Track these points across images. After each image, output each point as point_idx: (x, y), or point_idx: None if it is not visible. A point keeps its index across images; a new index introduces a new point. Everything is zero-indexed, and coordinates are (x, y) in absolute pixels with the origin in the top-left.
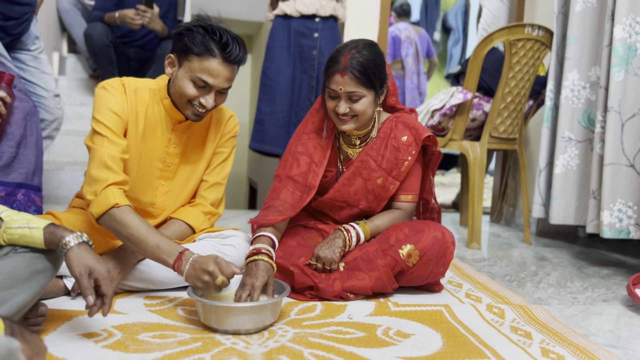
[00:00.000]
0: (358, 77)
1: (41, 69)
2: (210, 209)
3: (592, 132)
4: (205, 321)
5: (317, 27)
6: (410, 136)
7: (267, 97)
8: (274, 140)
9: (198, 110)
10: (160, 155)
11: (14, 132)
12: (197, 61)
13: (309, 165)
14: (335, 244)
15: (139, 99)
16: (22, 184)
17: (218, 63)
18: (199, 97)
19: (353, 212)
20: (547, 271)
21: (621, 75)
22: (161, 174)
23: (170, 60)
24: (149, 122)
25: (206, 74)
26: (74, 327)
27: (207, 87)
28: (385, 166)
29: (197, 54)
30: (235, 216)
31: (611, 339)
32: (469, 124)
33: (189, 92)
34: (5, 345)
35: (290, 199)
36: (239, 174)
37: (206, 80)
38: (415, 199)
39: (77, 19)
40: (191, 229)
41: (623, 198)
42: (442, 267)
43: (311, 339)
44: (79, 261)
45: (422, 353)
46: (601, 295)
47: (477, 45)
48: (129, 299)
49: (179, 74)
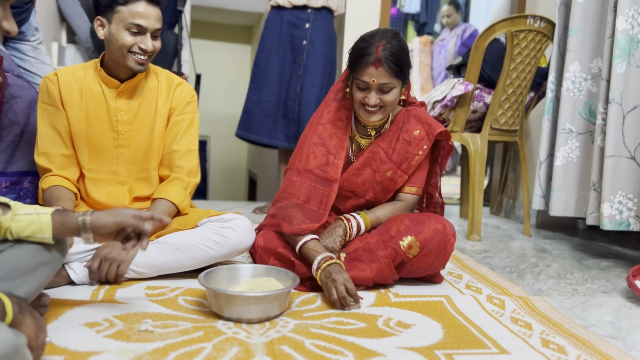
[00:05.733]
0: (393, 68)
1: (40, 59)
2: (186, 181)
3: (593, 124)
4: (216, 309)
5: (308, 18)
6: (422, 130)
7: (256, 87)
8: (259, 130)
9: (140, 57)
10: (112, 124)
11: (19, 121)
12: (125, 9)
13: (327, 157)
14: (335, 232)
15: (75, 80)
16: (27, 172)
17: (144, 5)
18: (137, 43)
19: (359, 202)
20: (547, 263)
21: (623, 67)
22: (118, 143)
23: (99, 22)
24: (90, 97)
25: (138, 18)
26: (75, 317)
27: (141, 30)
28: (395, 159)
29: (123, 2)
30: (235, 207)
31: (611, 330)
32: (470, 115)
33: (126, 41)
34: (12, 341)
35: (314, 194)
36: (239, 165)
37: (139, 23)
38: (419, 191)
39: (77, 9)
40: (175, 206)
41: (623, 190)
42: (442, 259)
43: (312, 330)
44: (106, 215)
45: (423, 343)
46: (601, 287)
47: (479, 36)
48: (130, 288)
49: (111, 29)
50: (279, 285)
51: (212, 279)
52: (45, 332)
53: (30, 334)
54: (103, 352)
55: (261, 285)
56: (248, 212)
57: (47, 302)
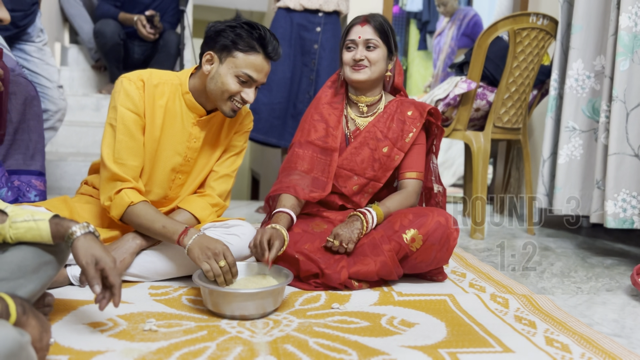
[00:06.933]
0: (377, 27)
1: (45, 60)
2: (217, 200)
3: (596, 121)
4: (211, 306)
5: (319, 22)
6: (415, 110)
7: (265, 87)
8: (268, 131)
9: (237, 105)
10: (182, 149)
11: (12, 119)
12: (243, 57)
13: (326, 130)
14: (354, 225)
15: (158, 94)
16: (17, 170)
17: (262, 59)
18: (240, 93)
19: (360, 181)
20: (550, 261)
21: (626, 64)
22: (180, 168)
23: (209, 57)
24: (168, 117)
25: (251, 69)
26: (79, 317)
27: (249, 82)
28: (391, 136)
29: (243, 50)
30: (237, 207)
31: (615, 328)
32: (473, 113)
33: (232, 88)
34: (16, 340)
35: (317, 163)
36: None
37: (251, 75)
38: (420, 176)
39: (79, 9)
40: (196, 220)
41: (627, 188)
42: (445, 252)
43: (316, 329)
44: (85, 251)
45: (427, 342)
46: (605, 285)
47: (481, 34)
48: (134, 288)
49: (220, 70)
50: (274, 282)
51: None
52: (50, 333)
53: (34, 335)
54: (107, 351)
55: (256, 282)
56: (251, 211)
57: (51, 302)
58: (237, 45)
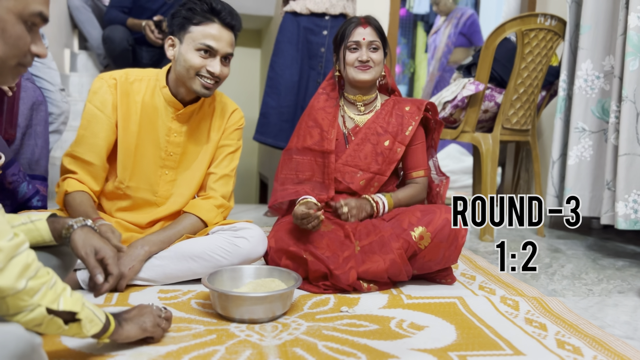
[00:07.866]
0: (377, 27)
1: (46, 64)
2: (222, 201)
3: (606, 122)
4: (220, 310)
5: (326, 25)
6: (412, 106)
7: (272, 91)
8: (278, 134)
9: (207, 81)
10: (162, 144)
11: (19, 124)
12: (198, 29)
13: (321, 134)
14: (363, 207)
15: (135, 90)
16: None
17: (218, 27)
18: (205, 66)
19: (366, 176)
20: (561, 263)
21: (636, 64)
22: (164, 163)
23: (171, 41)
24: (146, 112)
25: (209, 39)
26: None
27: (211, 52)
28: (391, 130)
29: (197, 22)
30: (246, 210)
31: (627, 330)
32: (481, 115)
33: (195, 62)
34: (28, 341)
35: (317, 167)
36: (250, 168)
37: (210, 44)
38: (427, 172)
39: (88, 16)
40: (203, 223)
41: (638, 189)
42: (454, 250)
43: (325, 332)
44: (83, 242)
45: (437, 345)
46: (617, 287)
47: (489, 35)
48: (143, 292)
49: (181, 49)
50: (283, 286)
51: (216, 280)
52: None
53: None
54: (117, 355)
55: (265, 286)
56: (259, 214)
57: None
58: (191, 20)
